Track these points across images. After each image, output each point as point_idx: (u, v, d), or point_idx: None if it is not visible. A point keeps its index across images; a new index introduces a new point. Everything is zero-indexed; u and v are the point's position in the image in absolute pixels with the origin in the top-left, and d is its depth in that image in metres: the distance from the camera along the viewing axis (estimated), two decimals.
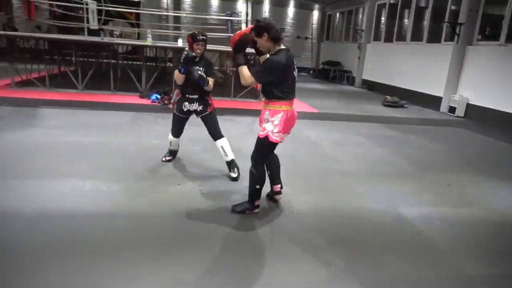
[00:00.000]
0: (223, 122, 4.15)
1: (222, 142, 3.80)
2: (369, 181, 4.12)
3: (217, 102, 7.94)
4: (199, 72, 3.44)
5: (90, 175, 3.60)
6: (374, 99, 10.95)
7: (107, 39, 8.65)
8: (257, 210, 3.12)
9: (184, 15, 15.68)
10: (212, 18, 17.02)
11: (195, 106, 3.73)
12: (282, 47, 2.78)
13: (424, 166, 4.82)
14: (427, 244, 2.89)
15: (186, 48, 3.53)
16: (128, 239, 2.59)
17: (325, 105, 9.16)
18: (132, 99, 7.69)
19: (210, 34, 11.84)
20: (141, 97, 7.83)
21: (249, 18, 8.17)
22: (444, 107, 9.45)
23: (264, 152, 3.00)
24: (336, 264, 2.52)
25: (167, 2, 17.50)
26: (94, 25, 10.36)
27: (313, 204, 3.42)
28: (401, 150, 5.48)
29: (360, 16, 15.00)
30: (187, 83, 3.58)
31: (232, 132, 5.53)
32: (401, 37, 12.11)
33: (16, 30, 13.68)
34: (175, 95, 7.20)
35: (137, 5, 16.67)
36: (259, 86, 3.16)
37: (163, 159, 4.17)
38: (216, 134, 3.82)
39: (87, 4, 10.03)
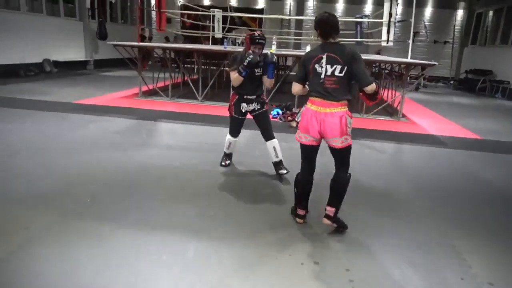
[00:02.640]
0: (356, 151, 2.95)
1: (274, 143, 3.79)
2: None
3: None
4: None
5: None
6: None
7: (230, 48, 8.22)
8: (298, 220, 2.88)
9: (307, 18, 14.81)
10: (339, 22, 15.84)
11: (253, 106, 3.72)
12: (328, 41, 2.59)
13: None
14: None
15: (250, 51, 3.41)
16: None
17: (485, 128, 7.08)
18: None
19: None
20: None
21: (393, 19, 6.69)
22: None
23: (301, 155, 2.81)
24: None
25: (290, 8, 16.96)
26: (218, 33, 10.28)
27: None
28: None
29: None
30: (246, 85, 3.58)
31: (373, 167, 4.27)
32: None
33: (150, 41, 14.63)
34: (300, 112, 6.32)
35: (260, 12, 16.54)
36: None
37: (223, 163, 4.05)
38: (269, 133, 3.80)
39: (213, 13, 9.94)
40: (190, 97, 8.03)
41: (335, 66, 2.49)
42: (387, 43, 6.95)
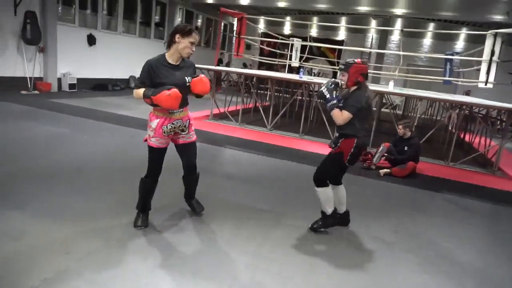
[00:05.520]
0: (438, 209, 2.33)
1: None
2: None
3: (427, 167, 6.12)
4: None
5: None
6: None
7: (306, 78, 7.96)
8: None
9: (390, 52, 14.10)
10: (423, 58, 14.85)
11: None
12: None
13: None
14: None
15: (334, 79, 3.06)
16: None
17: None
18: (320, 147, 6.54)
19: (417, 78, 9.98)
20: (330, 146, 6.57)
21: (495, 58, 5.86)
22: None
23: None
24: None
25: (372, 41, 16.37)
26: (295, 62, 10.14)
27: None
28: None
29: None
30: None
31: (463, 234, 3.56)
32: None
33: (228, 66, 15.06)
34: (380, 153, 5.72)
35: (340, 44, 16.20)
36: None
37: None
38: None
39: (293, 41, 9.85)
40: (259, 124, 7.86)
41: None
42: (486, 84, 6.09)
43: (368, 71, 3.16)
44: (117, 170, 4.17)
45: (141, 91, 2.60)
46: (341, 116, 2.95)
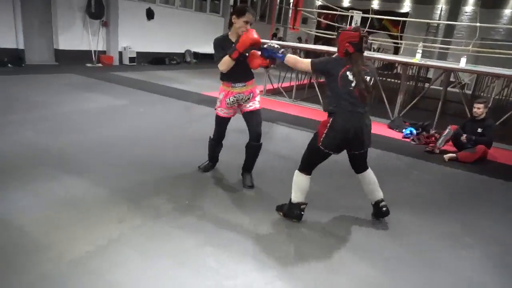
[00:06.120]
0: None
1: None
2: None
3: (500, 153, 5.38)
4: None
5: None
6: None
7: (366, 53, 7.45)
8: None
9: (461, 24, 12.80)
10: (501, 31, 13.32)
11: None
12: None
13: None
14: None
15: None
16: None
17: None
18: (380, 128, 6.15)
19: (492, 53, 8.91)
20: (390, 127, 6.17)
21: None
22: None
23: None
24: None
25: (441, 13, 14.95)
26: None
27: None
28: None
29: None
30: None
31: None
32: None
33: (281, 39, 14.67)
34: (445, 136, 5.24)
35: (405, 16, 15.01)
36: None
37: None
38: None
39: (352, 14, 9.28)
40: (313, 101, 7.59)
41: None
42: None
43: (369, 40, 2.68)
44: (170, 144, 4.23)
45: (225, 57, 2.86)
46: (300, 61, 2.74)
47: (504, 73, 6.07)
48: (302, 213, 2.73)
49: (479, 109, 4.88)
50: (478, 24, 7.12)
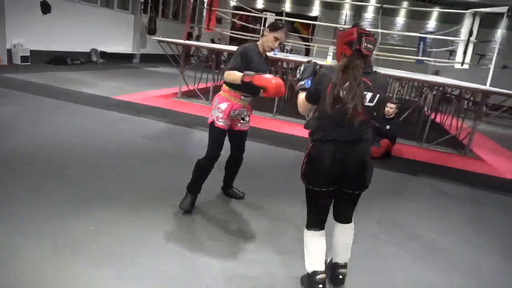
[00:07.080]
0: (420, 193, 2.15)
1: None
2: None
3: (400, 147, 5.94)
4: None
5: None
6: None
7: (280, 54, 7.57)
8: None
9: (368, 29, 13.89)
10: (395, 37, 14.81)
11: None
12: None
13: None
14: None
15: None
16: None
17: None
18: (294, 128, 6.30)
19: (390, 57, 9.91)
20: (306, 127, 6.33)
21: (473, 38, 5.75)
22: None
23: None
24: None
25: (346, 18, 16.12)
26: (256, 37, 9.75)
27: None
28: None
29: None
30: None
31: (447, 222, 3.44)
32: None
33: (198, 40, 14.37)
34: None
35: (314, 20, 15.83)
36: None
37: None
38: None
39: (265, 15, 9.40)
40: None
41: None
42: (462, 65, 6.00)
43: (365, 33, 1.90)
44: (81, 157, 3.73)
45: (238, 74, 2.57)
46: (299, 105, 2.12)
47: (405, 75, 6.66)
48: (320, 286, 2.03)
49: (391, 108, 5.30)
50: (379, 30, 7.72)
